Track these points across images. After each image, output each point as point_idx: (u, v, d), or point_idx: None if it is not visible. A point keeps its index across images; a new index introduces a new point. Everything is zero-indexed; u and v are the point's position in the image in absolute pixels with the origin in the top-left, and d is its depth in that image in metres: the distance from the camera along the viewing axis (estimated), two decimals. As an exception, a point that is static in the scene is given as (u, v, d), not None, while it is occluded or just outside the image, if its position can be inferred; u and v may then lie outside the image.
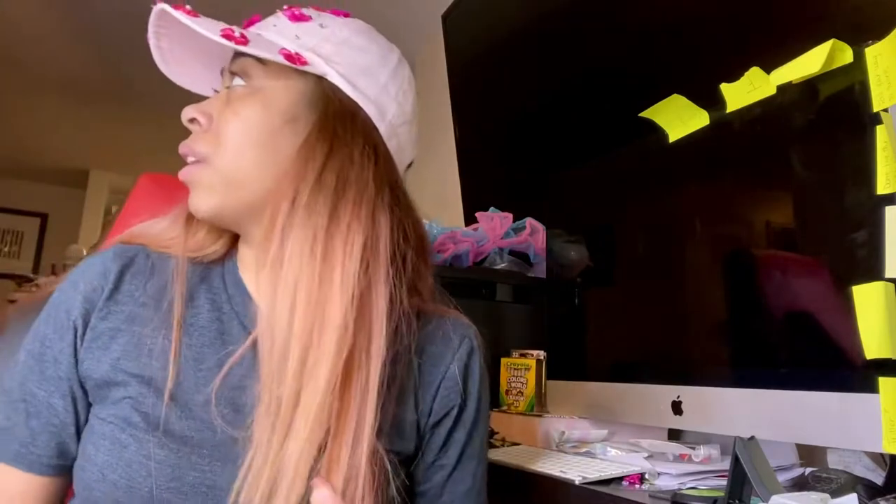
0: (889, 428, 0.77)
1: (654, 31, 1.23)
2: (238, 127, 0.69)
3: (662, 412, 1.11)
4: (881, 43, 0.81)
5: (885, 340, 0.79)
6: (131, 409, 0.66)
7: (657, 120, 1.14)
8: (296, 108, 0.70)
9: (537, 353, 1.45)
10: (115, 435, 0.65)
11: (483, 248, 1.61)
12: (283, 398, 0.62)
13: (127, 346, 0.69)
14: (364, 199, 0.68)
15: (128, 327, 0.70)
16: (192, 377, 0.68)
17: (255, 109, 0.70)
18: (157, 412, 0.65)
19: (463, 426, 0.79)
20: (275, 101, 0.70)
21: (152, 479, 0.63)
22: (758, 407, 0.96)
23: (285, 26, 0.73)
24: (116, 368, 0.68)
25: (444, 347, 0.77)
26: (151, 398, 0.66)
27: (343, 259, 0.65)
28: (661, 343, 1.21)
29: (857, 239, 0.85)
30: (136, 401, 0.66)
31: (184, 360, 0.68)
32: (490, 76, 1.82)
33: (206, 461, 0.65)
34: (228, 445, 0.65)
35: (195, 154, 0.71)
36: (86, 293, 0.71)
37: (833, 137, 0.92)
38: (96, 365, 0.69)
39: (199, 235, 0.76)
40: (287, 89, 0.71)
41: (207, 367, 0.69)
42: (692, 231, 1.14)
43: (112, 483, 0.63)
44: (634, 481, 0.98)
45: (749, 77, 0.97)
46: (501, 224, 1.62)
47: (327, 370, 0.62)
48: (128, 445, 0.64)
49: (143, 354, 0.68)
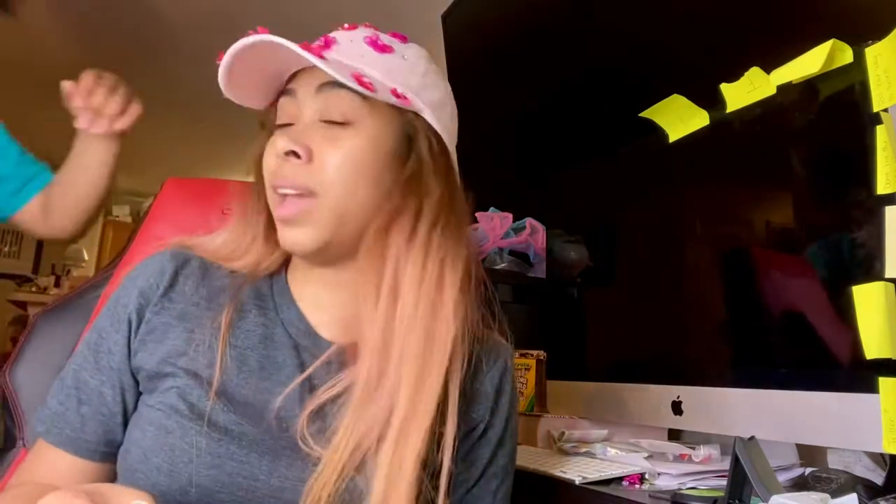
0: (889, 428, 0.77)
1: (655, 30, 1.23)
2: (348, 163, 0.69)
3: (662, 412, 1.11)
4: (881, 43, 0.81)
5: (885, 340, 0.79)
6: (178, 397, 0.69)
7: (657, 120, 1.14)
8: (399, 144, 0.72)
9: (537, 353, 1.45)
10: (161, 421, 0.68)
11: (483, 248, 1.60)
12: (397, 411, 0.66)
13: (177, 341, 0.72)
14: (462, 231, 0.74)
15: (179, 323, 0.73)
16: (234, 376, 0.71)
17: (362, 146, 0.70)
18: (202, 404, 0.68)
19: (488, 444, 0.79)
20: (380, 138, 0.71)
21: (193, 465, 0.65)
22: (758, 407, 0.96)
23: (373, 58, 0.71)
24: (166, 361, 0.71)
25: (479, 364, 0.78)
26: (198, 390, 0.69)
27: (451, 286, 0.71)
28: (661, 343, 1.21)
29: (857, 239, 0.85)
30: (183, 391, 0.69)
31: (229, 358, 0.71)
32: (490, 76, 1.82)
33: (245, 453, 0.67)
34: (267, 441, 0.68)
35: (299, 188, 0.69)
36: (142, 289, 0.75)
37: (833, 137, 0.92)
38: (148, 357, 0.72)
39: (258, 251, 0.78)
40: (390, 125, 0.72)
41: (249, 368, 0.72)
42: (692, 231, 1.14)
43: (155, 466, 0.66)
44: (634, 481, 0.98)
45: (749, 77, 0.97)
46: (501, 224, 1.62)
47: (435, 386, 0.68)
48: (172, 431, 0.67)
49: (192, 350, 0.71)
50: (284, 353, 0.73)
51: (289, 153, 0.69)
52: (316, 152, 0.69)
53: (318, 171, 0.69)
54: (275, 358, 0.73)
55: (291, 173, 0.69)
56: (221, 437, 0.67)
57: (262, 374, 0.71)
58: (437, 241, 0.71)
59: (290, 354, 0.73)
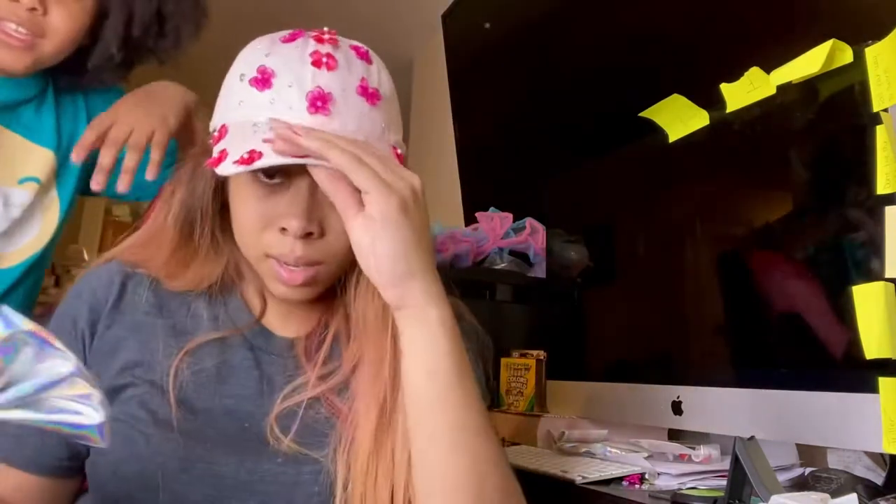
0: (889, 428, 0.77)
1: (655, 30, 1.23)
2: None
3: (662, 412, 1.11)
4: (881, 43, 0.81)
5: (885, 340, 0.79)
6: (139, 406, 0.69)
7: (657, 120, 1.14)
8: None
9: (537, 353, 1.45)
10: (126, 432, 0.68)
11: (483, 248, 1.61)
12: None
13: (131, 352, 0.72)
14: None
15: (132, 335, 0.73)
16: (192, 381, 0.71)
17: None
18: (163, 411, 0.68)
19: None
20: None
21: (161, 471, 0.66)
22: (758, 407, 0.96)
23: (370, 115, 0.67)
24: (124, 373, 0.71)
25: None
26: (158, 398, 0.69)
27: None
28: (661, 343, 1.21)
29: (857, 239, 0.85)
30: (143, 399, 0.69)
31: (185, 365, 0.71)
32: (490, 76, 1.82)
33: (210, 453, 0.68)
34: (232, 440, 0.69)
35: (312, 262, 0.68)
36: (91, 304, 0.74)
37: (833, 137, 0.92)
38: (104, 371, 0.71)
39: (206, 271, 0.76)
40: None
41: (206, 373, 0.72)
42: (692, 231, 1.14)
43: (124, 477, 0.66)
44: (634, 481, 0.98)
45: (749, 77, 0.97)
46: (501, 224, 1.62)
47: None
48: (137, 441, 0.67)
49: (147, 359, 0.71)
50: (240, 354, 0.74)
51: (308, 235, 0.66)
52: (325, 226, 0.67)
53: (327, 243, 0.68)
54: (230, 361, 0.73)
55: (303, 251, 0.66)
56: (186, 442, 0.67)
57: (219, 378, 0.72)
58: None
59: (245, 356, 0.74)
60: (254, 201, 0.67)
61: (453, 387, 0.63)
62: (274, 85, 0.65)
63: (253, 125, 0.65)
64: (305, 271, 0.68)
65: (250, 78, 0.66)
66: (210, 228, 0.74)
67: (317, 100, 0.64)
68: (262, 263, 0.69)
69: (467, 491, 0.62)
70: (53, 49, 0.97)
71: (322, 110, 0.64)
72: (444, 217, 1.74)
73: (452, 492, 0.62)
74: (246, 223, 0.69)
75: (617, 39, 1.33)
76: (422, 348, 0.64)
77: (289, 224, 0.66)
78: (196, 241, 0.74)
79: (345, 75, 0.66)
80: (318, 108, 0.64)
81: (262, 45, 0.69)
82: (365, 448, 0.67)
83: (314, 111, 0.64)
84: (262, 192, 0.67)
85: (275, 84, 0.65)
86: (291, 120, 0.64)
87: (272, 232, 0.67)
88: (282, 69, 0.65)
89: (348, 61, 0.67)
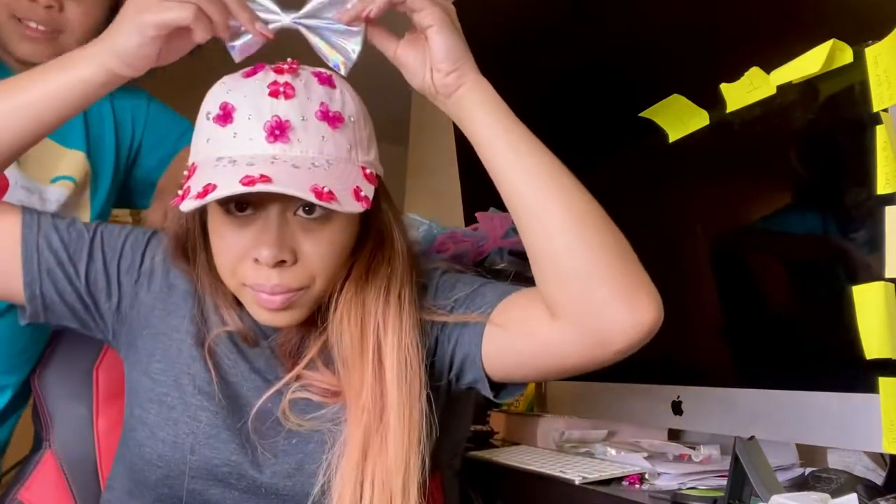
0: (889, 428, 0.77)
1: (655, 30, 1.23)
2: (330, 253, 0.71)
3: (662, 412, 1.11)
4: (881, 43, 0.81)
5: (885, 340, 0.79)
6: (183, 372, 0.76)
7: (657, 120, 1.14)
8: (356, 217, 0.74)
9: (537, 353, 1.45)
10: (163, 399, 0.76)
11: (483, 248, 1.60)
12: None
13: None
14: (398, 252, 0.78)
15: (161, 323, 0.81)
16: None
17: (339, 229, 0.72)
18: (202, 382, 0.76)
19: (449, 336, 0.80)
20: (348, 219, 0.72)
21: (193, 435, 0.74)
22: (758, 407, 0.96)
23: (333, 138, 0.69)
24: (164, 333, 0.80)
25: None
26: (198, 365, 0.77)
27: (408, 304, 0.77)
28: (661, 343, 1.21)
29: (857, 239, 0.85)
30: (188, 365, 0.77)
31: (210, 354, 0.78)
32: (490, 76, 1.82)
33: (240, 423, 0.75)
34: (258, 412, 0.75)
35: (292, 290, 0.70)
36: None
37: (833, 138, 0.92)
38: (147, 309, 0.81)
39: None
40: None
41: (234, 349, 0.79)
42: (692, 231, 1.14)
43: (160, 439, 0.74)
44: (634, 481, 0.98)
45: (749, 77, 0.97)
46: (501, 224, 1.61)
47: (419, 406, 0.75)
48: (175, 407, 0.75)
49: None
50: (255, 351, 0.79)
51: (281, 262, 0.68)
52: (299, 252, 0.70)
53: (303, 269, 0.70)
54: (245, 352, 0.79)
55: (279, 279, 0.69)
56: (218, 411, 0.75)
57: (243, 361, 0.79)
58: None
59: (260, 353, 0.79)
60: (227, 234, 0.70)
61: (528, 142, 0.70)
62: (235, 119, 0.68)
63: (216, 160, 0.67)
64: (284, 295, 0.70)
65: (213, 115, 0.69)
66: (201, 247, 0.78)
67: (275, 129, 0.67)
68: (243, 293, 0.72)
69: (573, 208, 0.68)
70: (74, 42, 1.00)
71: (281, 138, 0.67)
72: (444, 217, 1.74)
73: (566, 211, 0.67)
74: (221, 256, 0.72)
75: (617, 39, 1.33)
76: (485, 113, 0.70)
77: (259, 254, 0.68)
78: (190, 257, 0.79)
79: (303, 102, 0.68)
80: (276, 136, 0.67)
81: (226, 82, 0.72)
82: (352, 466, 0.71)
83: (273, 140, 0.66)
84: (234, 224, 0.69)
85: (235, 118, 0.68)
86: (252, 151, 0.66)
87: (247, 263, 0.70)
88: (241, 103, 0.68)
89: (308, 88, 0.69)
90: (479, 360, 0.74)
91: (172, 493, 0.74)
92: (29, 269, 0.75)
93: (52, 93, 0.70)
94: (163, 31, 0.66)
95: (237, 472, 0.74)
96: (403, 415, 0.71)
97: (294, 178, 0.64)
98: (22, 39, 0.98)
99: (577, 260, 0.66)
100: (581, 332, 0.67)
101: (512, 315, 0.73)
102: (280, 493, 0.74)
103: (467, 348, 0.75)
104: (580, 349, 0.68)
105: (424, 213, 1.66)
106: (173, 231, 0.78)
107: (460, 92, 0.70)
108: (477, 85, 0.71)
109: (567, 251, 0.66)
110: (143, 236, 0.81)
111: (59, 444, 0.95)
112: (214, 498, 0.74)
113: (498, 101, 0.71)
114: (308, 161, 0.67)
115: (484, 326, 0.74)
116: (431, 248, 1.57)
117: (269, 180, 0.62)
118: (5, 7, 0.97)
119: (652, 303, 0.67)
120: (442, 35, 0.68)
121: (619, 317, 0.66)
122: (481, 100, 0.71)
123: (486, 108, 0.70)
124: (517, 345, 0.72)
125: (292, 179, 0.64)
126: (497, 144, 0.70)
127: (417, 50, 0.71)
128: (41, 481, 0.95)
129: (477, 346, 0.74)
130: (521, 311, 0.73)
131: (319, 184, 0.64)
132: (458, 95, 0.70)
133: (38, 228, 0.76)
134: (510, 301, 0.74)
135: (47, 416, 0.96)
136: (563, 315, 0.67)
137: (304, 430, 0.74)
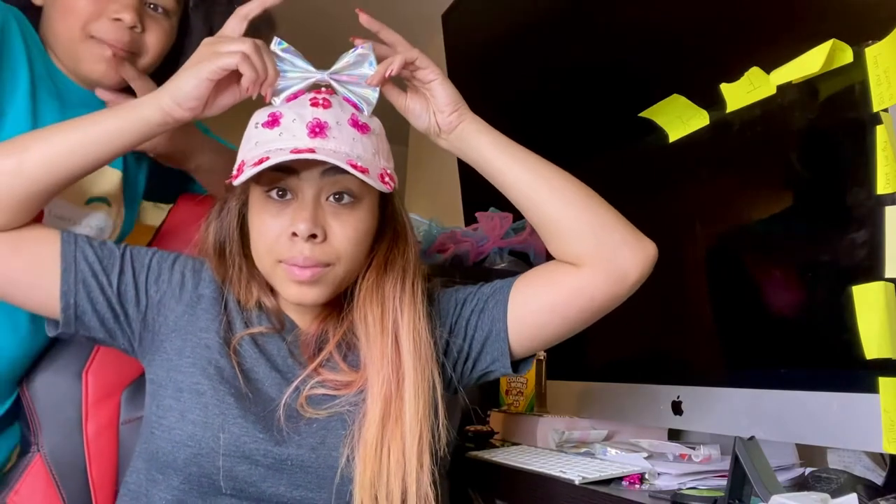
0: (889, 428, 0.77)
1: (654, 30, 1.23)
2: (355, 237, 0.84)
3: (662, 412, 1.11)
4: (881, 43, 0.81)
5: (885, 340, 0.79)
6: (208, 362, 0.84)
7: (657, 120, 1.14)
8: (381, 207, 0.89)
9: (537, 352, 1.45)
10: (194, 387, 0.82)
11: (483, 248, 1.60)
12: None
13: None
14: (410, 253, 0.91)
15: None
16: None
17: (364, 218, 0.85)
18: (228, 371, 0.84)
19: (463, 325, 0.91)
20: (374, 207, 0.87)
21: (223, 416, 0.81)
22: (758, 407, 0.96)
23: (362, 142, 0.83)
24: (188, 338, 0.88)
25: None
26: (223, 359, 0.85)
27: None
28: (661, 343, 1.21)
29: (857, 239, 0.85)
30: (214, 355, 0.85)
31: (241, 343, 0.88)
32: (490, 76, 1.82)
33: (262, 406, 0.83)
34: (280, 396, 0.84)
35: (320, 264, 0.82)
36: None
37: (833, 138, 0.92)
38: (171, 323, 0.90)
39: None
40: (377, 194, 0.87)
41: (256, 350, 0.88)
42: (692, 231, 1.14)
43: (191, 421, 0.81)
44: (634, 481, 0.98)
45: (749, 77, 0.97)
46: (501, 224, 1.62)
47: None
48: (205, 392, 0.82)
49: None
50: (276, 344, 0.89)
51: (312, 236, 0.80)
52: (329, 232, 0.82)
53: (331, 246, 0.82)
54: (265, 345, 0.89)
55: (310, 252, 0.81)
56: (243, 398, 0.82)
57: (263, 361, 0.87)
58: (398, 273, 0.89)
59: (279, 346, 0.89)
60: (268, 217, 0.83)
61: (524, 151, 0.87)
62: (281, 123, 0.82)
63: (265, 152, 0.80)
64: (313, 269, 0.82)
65: (262, 122, 0.83)
66: (237, 251, 0.90)
67: (315, 127, 0.81)
68: (276, 269, 0.83)
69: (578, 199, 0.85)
70: (147, 64, 1.04)
71: (320, 135, 0.81)
72: (444, 217, 1.74)
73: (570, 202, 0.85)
74: (261, 235, 0.83)
75: (617, 39, 1.33)
76: (487, 138, 0.87)
77: (297, 227, 0.80)
78: (227, 260, 0.90)
79: (337, 111, 0.84)
80: (316, 133, 0.81)
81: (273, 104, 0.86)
82: (373, 434, 0.80)
83: (313, 136, 0.81)
84: (275, 208, 0.83)
85: (282, 122, 0.82)
86: (295, 144, 0.79)
87: (283, 239, 0.82)
88: (287, 112, 0.83)
89: (341, 105, 0.85)
90: (503, 332, 0.87)
91: (201, 472, 0.80)
92: (66, 280, 0.83)
93: (118, 129, 0.81)
94: (215, 75, 0.80)
95: (263, 448, 0.81)
96: (417, 384, 0.82)
97: (333, 156, 0.78)
98: (99, 60, 0.99)
99: (592, 216, 0.84)
100: (605, 272, 0.83)
101: (536, 279, 0.89)
102: (305, 465, 0.81)
103: (489, 327, 0.88)
104: (605, 288, 0.84)
105: (424, 213, 1.66)
106: (213, 237, 0.90)
107: (462, 126, 0.87)
108: (474, 119, 0.88)
109: (584, 211, 0.84)
110: (169, 254, 0.91)
111: (49, 448, 0.96)
112: (242, 474, 0.80)
113: (492, 128, 0.88)
114: (343, 153, 0.81)
115: (507, 299, 0.87)
116: (431, 248, 1.57)
117: (315, 152, 0.78)
118: (83, 28, 0.97)
119: (649, 241, 0.85)
120: (443, 86, 0.86)
121: (630, 254, 0.84)
122: (480, 129, 0.88)
123: (487, 133, 0.87)
124: (548, 297, 0.87)
125: (332, 157, 0.78)
126: (502, 158, 0.86)
127: (421, 100, 0.88)
128: (30, 485, 0.95)
129: (500, 321, 0.87)
130: (545, 273, 0.89)
131: (354, 160, 0.80)
132: (460, 128, 0.87)
133: (76, 244, 0.85)
134: (527, 274, 0.91)
135: (36, 420, 0.96)
136: (588, 262, 0.84)
137: (323, 416, 0.83)
